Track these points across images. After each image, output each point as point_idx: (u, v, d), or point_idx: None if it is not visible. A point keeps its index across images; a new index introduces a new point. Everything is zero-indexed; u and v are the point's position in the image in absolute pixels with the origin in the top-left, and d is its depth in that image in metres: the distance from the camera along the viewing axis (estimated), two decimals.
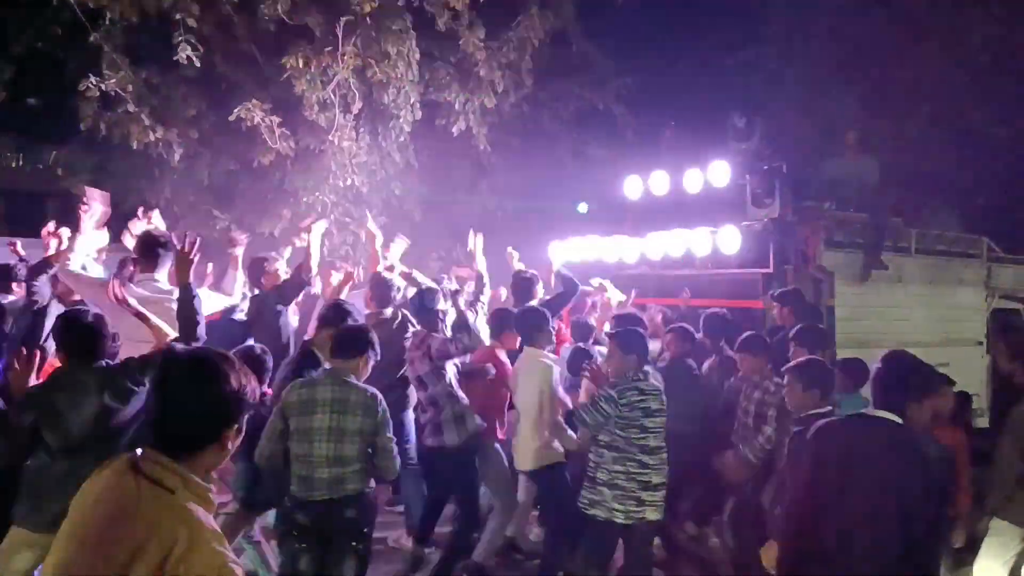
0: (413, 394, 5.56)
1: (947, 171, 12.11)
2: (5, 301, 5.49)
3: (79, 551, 1.72)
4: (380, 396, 3.94)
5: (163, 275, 4.46)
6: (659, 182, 7.89)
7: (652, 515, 4.45)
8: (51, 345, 3.99)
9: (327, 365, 4.14)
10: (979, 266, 8.36)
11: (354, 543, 3.85)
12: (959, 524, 4.77)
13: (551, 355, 5.33)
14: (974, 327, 8.17)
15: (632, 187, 8.24)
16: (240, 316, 5.55)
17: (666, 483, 4.49)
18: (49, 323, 4.85)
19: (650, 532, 4.60)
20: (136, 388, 3.54)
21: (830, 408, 4.28)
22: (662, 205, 7.92)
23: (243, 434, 1.93)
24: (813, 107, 12.37)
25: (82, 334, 3.58)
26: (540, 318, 5.26)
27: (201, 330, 3.69)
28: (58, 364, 3.69)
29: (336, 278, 6.08)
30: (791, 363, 4.36)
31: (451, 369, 5.19)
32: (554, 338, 5.57)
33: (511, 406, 5.43)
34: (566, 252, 8.61)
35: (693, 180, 7.50)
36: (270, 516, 4.70)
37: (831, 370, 4.62)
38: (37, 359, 3.54)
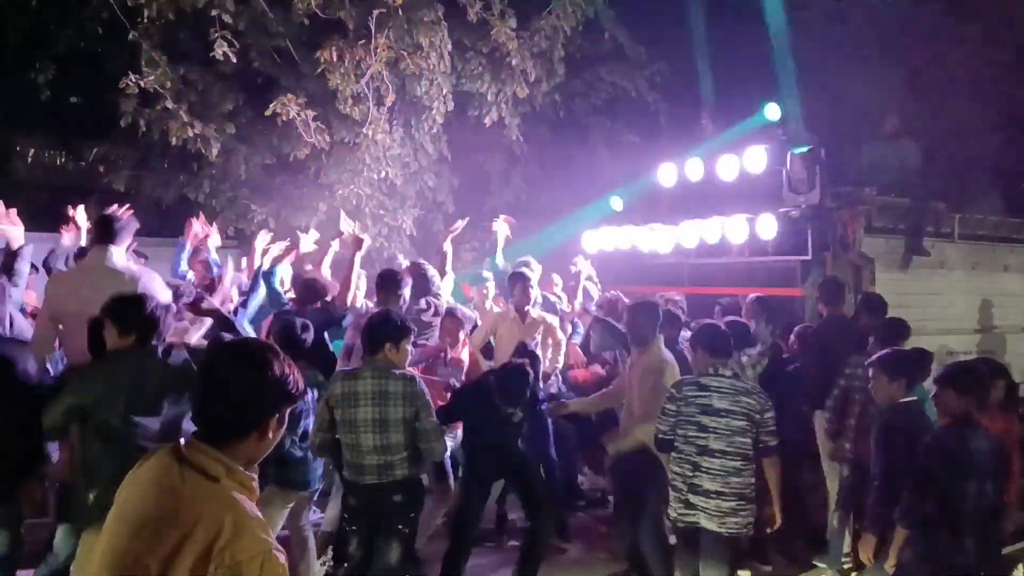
0: None
1: (990, 154, 11.80)
2: None
3: (129, 538, 1.76)
4: (419, 379, 4.05)
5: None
6: (693, 169, 7.80)
7: (707, 523, 4.12)
8: None
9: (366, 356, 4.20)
10: None
11: (401, 526, 3.99)
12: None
13: None
14: (1020, 313, 7.99)
15: (666, 174, 8.16)
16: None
17: (726, 493, 4.08)
18: None
19: (716, 542, 4.15)
20: None
21: (915, 398, 4.14)
22: (697, 192, 7.84)
23: (285, 425, 1.95)
24: (852, 90, 12.12)
25: None
26: None
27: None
28: None
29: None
30: (875, 356, 4.20)
31: None
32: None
33: None
34: (600, 241, 8.59)
35: (728, 166, 7.40)
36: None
37: (915, 359, 4.43)
38: None
